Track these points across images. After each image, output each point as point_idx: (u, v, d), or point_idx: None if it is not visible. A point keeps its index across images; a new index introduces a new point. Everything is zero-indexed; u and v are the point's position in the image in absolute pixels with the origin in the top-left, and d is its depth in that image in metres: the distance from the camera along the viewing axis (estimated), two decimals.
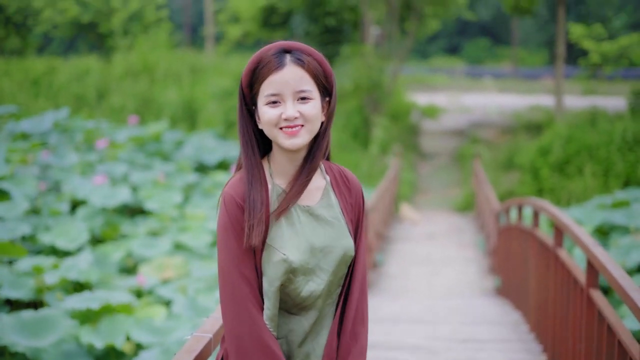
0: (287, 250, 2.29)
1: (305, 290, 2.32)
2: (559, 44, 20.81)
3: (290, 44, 2.31)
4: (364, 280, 2.43)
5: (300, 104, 2.27)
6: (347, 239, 2.37)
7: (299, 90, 2.27)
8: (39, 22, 30.56)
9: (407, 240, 13.39)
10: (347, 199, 2.43)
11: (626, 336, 3.51)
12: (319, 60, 2.33)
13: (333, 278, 2.36)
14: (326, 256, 2.33)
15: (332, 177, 2.44)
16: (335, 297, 2.40)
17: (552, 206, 5.75)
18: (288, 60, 2.28)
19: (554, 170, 15.78)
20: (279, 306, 2.33)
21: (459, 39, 58.64)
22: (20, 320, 6.73)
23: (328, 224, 2.36)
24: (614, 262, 3.89)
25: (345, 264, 2.37)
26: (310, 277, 2.32)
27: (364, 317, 2.43)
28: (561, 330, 5.09)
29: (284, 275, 2.28)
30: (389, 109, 21.77)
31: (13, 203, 11.06)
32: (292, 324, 2.36)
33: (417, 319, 7.23)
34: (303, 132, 2.28)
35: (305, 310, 2.35)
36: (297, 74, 2.27)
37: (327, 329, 2.39)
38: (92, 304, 6.94)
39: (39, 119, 16.53)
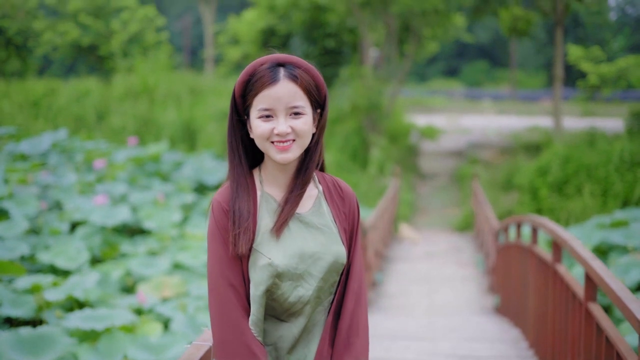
0: (273, 255, 2.28)
1: (293, 296, 2.32)
2: (557, 66, 20.92)
3: (284, 57, 2.32)
4: (360, 291, 2.42)
5: (292, 119, 2.29)
6: (338, 246, 2.37)
7: (291, 106, 2.28)
8: (40, 44, 30.70)
9: (406, 260, 13.39)
10: (340, 208, 2.44)
11: (624, 347, 3.52)
12: (312, 74, 2.33)
13: (323, 285, 2.35)
14: (316, 262, 2.33)
15: (324, 186, 2.45)
16: (327, 304, 2.40)
17: (551, 222, 5.76)
18: (282, 75, 2.28)
19: (553, 190, 15.81)
20: (268, 313, 2.33)
21: (458, 61, 58.97)
22: (18, 337, 6.71)
23: (318, 231, 2.36)
24: (612, 275, 3.90)
25: (337, 271, 2.37)
26: (299, 283, 2.32)
27: (360, 328, 2.40)
28: (560, 344, 5.09)
29: (269, 280, 2.28)
30: (388, 130, 21.84)
31: (12, 222, 11.08)
32: (281, 331, 2.35)
33: (416, 335, 7.22)
34: (294, 147, 2.30)
35: (294, 317, 2.35)
36: (290, 89, 2.27)
37: (319, 337, 2.38)
38: (96, 324, 6.94)
39: (37, 140, 16.58)
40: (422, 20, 22.21)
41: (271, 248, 2.30)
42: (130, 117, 22.00)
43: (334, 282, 2.39)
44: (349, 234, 2.45)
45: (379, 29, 24.40)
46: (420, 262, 13.19)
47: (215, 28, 36.32)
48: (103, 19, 31.38)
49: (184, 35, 48.05)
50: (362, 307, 2.43)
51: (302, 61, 2.32)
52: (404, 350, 6.48)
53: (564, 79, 24.06)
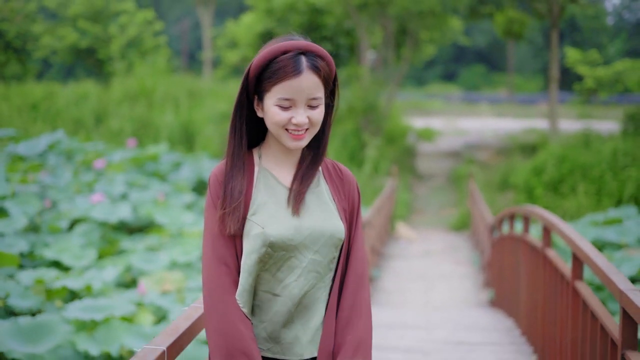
0: (268, 225, 2.31)
1: (286, 266, 2.33)
2: (553, 68, 21.06)
3: (305, 45, 2.29)
4: (362, 272, 2.43)
5: (309, 109, 2.30)
6: (336, 221, 2.38)
7: (312, 98, 2.29)
8: (38, 48, 30.84)
9: (403, 258, 13.50)
10: (339, 189, 2.46)
11: (607, 319, 3.64)
12: (329, 63, 2.34)
13: (320, 259, 2.36)
14: (312, 235, 2.34)
15: (324, 168, 2.49)
16: (329, 282, 2.40)
17: (541, 209, 5.89)
18: (305, 66, 2.27)
19: (548, 190, 15.94)
20: (262, 289, 2.34)
21: (455, 65, 59.14)
22: (17, 326, 6.78)
23: (316, 206, 2.38)
24: (597, 251, 4.02)
25: (335, 245, 2.38)
26: (293, 254, 2.33)
27: (362, 309, 2.40)
28: (549, 328, 5.21)
29: (262, 249, 2.29)
30: (386, 131, 21.97)
31: (11, 220, 11.17)
32: (276, 306, 2.35)
33: (412, 325, 7.33)
34: (307, 135, 2.33)
35: (288, 290, 2.34)
36: (312, 81, 2.28)
37: (319, 315, 2.38)
38: (95, 314, 7.04)
39: (35, 142, 16.67)
40: (419, 23, 22.35)
41: (266, 219, 2.32)
42: (129, 119, 22.12)
43: (332, 257, 2.39)
44: (348, 214, 2.46)
45: (376, 31, 24.53)
46: (416, 260, 13.30)
47: (213, 31, 36.47)
48: (102, 22, 31.56)
49: (183, 38, 48.21)
50: (364, 288, 2.43)
51: (321, 49, 2.33)
52: (400, 337, 6.59)
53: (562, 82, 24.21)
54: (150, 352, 2.31)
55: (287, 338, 2.35)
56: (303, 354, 2.36)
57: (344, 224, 2.41)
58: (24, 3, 30.30)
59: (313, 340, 2.37)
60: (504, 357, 5.86)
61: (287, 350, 2.35)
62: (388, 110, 22.29)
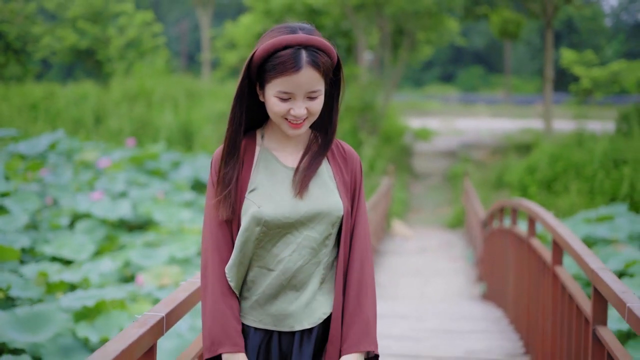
0: (264, 204, 2.38)
1: (282, 242, 2.41)
2: (548, 68, 21.27)
3: (306, 39, 2.32)
4: (366, 252, 2.49)
5: (309, 100, 2.36)
6: (335, 199, 2.44)
7: (310, 91, 2.34)
8: (38, 49, 31.03)
9: (398, 254, 13.71)
10: (341, 167, 2.51)
11: (582, 299, 3.85)
12: (331, 55, 2.38)
13: (314, 234, 2.41)
14: (309, 213, 2.40)
15: None
16: (325, 259, 2.45)
17: (527, 200, 6.10)
18: (304, 61, 2.30)
19: (542, 188, 16.16)
20: (257, 264, 2.42)
21: (454, 67, 59.34)
22: (15, 316, 6.95)
23: (315, 185, 2.44)
24: (576, 238, 4.23)
25: (331, 223, 2.43)
26: (289, 231, 2.40)
27: (368, 289, 2.46)
28: (534, 314, 5.42)
29: (256, 227, 2.37)
30: (383, 131, 22.18)
31: (12, 217, 11.36)
32: (269, 279, 2.42)
33: (404, 315, 7.54)
34: (306, 123, 2.39)
35: (281, 264, 2.41)
36: (311, 76, 2.32)
37: (311, 289, 2.43)
38: (87, 301, 7.24)
39: (35, 141, 16.86)
40: (415, 23, 22.57)
41: (263, 198, 2.40)
42: (128, 119, 22.31)
43: (328, 234, 2.44)
44: (350, 193, 2.51)
45: (373, 32, 24.76)
46: (412, 257, 13.51)
47: (212, 33, 36.66)
48: (101, 24, 31.76)
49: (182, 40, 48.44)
50: (368, 267, 2.49)
51: (322, 42, 2.35)
52: (391, 326, 6.79)
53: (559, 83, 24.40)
54: (151, 318, 2.50)
55: (278, 310, 2.42)
56: (294, 325, 2.42)
57: (344, 201, 2.45)
58: (24, 4, 30.50)
59: (304, 314, 2.43)
60: (492, 343, 6.07)
61: (278, 322, 2.43)
62: (385, 110, 22.51)
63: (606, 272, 3.37)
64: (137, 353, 2.34)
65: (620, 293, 3.04)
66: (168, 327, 2.60)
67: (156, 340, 2.50)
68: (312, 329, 2.46)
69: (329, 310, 2.47)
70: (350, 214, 2.49)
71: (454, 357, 5.66)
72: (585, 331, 3.68)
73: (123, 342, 2.27)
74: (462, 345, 5.97)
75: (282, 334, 2.45)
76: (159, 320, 2.51)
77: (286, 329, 2.44)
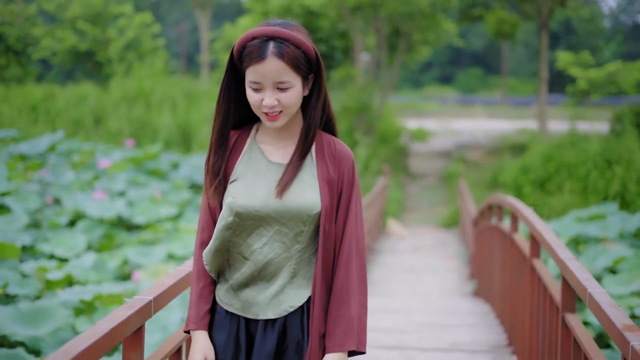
0: (240, 195, 2.47)
1: (255, 234, 2.49)
2: (542, 68, 21.45)
3: (273, 30, 2.37)
4: (353, 252, 2.51)
5: (279, 92, 2.39)
6: (309, 197, 2.47)
7: (277, 82, 2.38)
8: (38, 50, 31.22)
9: (392, 253, 13.89)
10: (328, 166, 2.52)
11: (555, 289, 4.03)
12: (300, 45, 2.39)
13: (285, 230, 2.48)
14: (280, 209, 2.46)
15: (319, 143, 2.56)
16: (294, 253, 2.51)
17: (512, 198, 6.28)
18: (269, 52, 2.35)
19: (535, 188, 16.36)
20: (235, 250, 2.51)
21: (452, 68, 59.54)
22: (18, 311, 7.16)
23: (295, 180, 2.49)
24: (551, 232, 4.41)
25: (301, 220, 2.48)
26: (261, 224, 2.47)
27: (351, 289, 2.49)
28: (515, 307, 5.60)
29: (229, 217, 2.47)
30: (379, 131, 22.38)
31: (13, 216, 11.56)
32: (244, 267, 2.52)
33: (394, 310, 7.72)
34: (282, 117, 2.43)
35: (254, 255, 2.49)
36: (276, 66, 2.36)
37: (280, 282, 2.50)
38: (85, 295, 7.44)
39: (36, 142, 17.05)
40: (411, 25, 22.76)
41: (239, 189, 2.48)
42: (127, 120, 22.49)
43: (300, 231, 2.48)
44: (337, 192, 2.53)
45: (370, 34, 24.96)
46: (406, 255, 13.69)
47: (211, 35, 36.86)
48: (100, 25, 31.95)
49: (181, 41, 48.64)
50: (355, 268, 2.51)
51: (291, 34, 2.39)
52: (380, 320, 6.98)
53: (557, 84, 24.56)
54: (139, 301, 2.69)
55: (246, 298, 2.52)
56: (258, 314, 2.51)
57: (324, 199, 2.48)
58: (24, 6, 30.70)
59: (271, 304, 2.50)
60: (476, 336, 6.26)
61: (245, 309, 2.52)
62: (381, 110, 22.71)
63: (573, 262, 3.55)
64: (125, 332, 2.53)
65: (584, 280, 3.22)
66: (156, 310, 2.78)
67: (144, 322, 2.69)
68: (277, 320, 2.52)
69: (296, 304, 2.51)
70: (331, 212, 2.50)
71: (439, 348, 5.85)
72: (556, 319, 3.87)
73: (112, 322, 2.46)
74: (447, 338, 6.16)
75: (250, 321, 2.53)
76: (146, 303, 2.70)
77: (251, 317, 2.52)
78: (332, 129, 2.61)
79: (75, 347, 2.20)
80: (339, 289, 2.49)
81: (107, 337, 2.36)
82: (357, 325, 2.49)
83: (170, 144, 21.10)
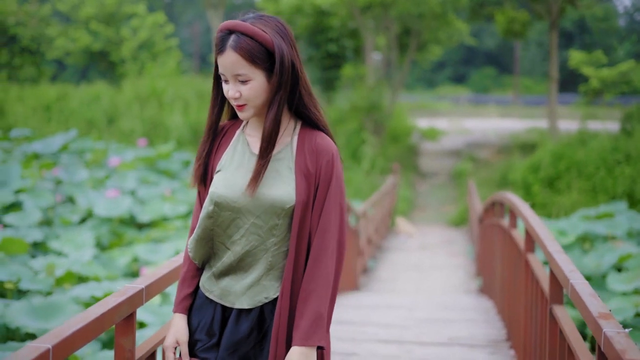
0: (220, 186, 2.53)
1: (233, 226, 2.54)
2: (552, 68, 21.46)
3: (234, 24, 2.44)
4: (323, 247, 2.52)
5: (240, 84, 2.45)
6: (284, 190, 2.50)
7: (235, 74, 2.43)
8: (52, 49, 31.44)
9: (400, 250, 13.98)
10: (306, 160, 2.54)
11: (545, 281, 4.11)
12: (259, 39, 2.42)
13: (260, 223, 2.52)
14: (254, 201, 2.50)
15: (301, 138, 2.57)
16: (270, 246, 2.54)
17: (510, 194, 6.35)
18: (228, 44, 2.42)
19: (545, 186, 16.38)
20: (217, 239, 2.58)
21: (466, 68, 59.41)
22: (30, 305, 7.34)
23: (269, 175, 2.52)
24: (544, 227, 4.48)
25: (275, 213, 2.51)
26: (238, 216, 2.52)
27: (319, 284, 2.50)
28: (513, 302, 5.67)
29: (209, 206, 2.53)
30: (389, 130, 22.45)
31: (26, 213, 11.73)
32: (224, 257, 2.58)
33: (396, 306, 7.81)
34: (247, 108, 2.48)
35: (234, 246, 2.55)
36: (232, 59, 2.42)
37: (256, 273, 2.55)
38: (96, 292, 7.57)
39: (49, 141, 17.24)
40: (421, 24, 22.82)
41: (221, 180, 2.54)
42: (139, 120, 22.66)
43: (274, 224, 2.52)
44: (314, 186, 2.53)
45: (381, 33, 25.03)
46: (413, 253, 13.77)
47: None
48: (114, 25, 32.14)
49: (194, 41, 48.84)
50: (324, 263, 2.52)
51: (249, 27, 2.43)
52: (383, 315, 7.07)
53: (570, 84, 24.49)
54: (131, 289, 2.79)
55: (225, 286, 2.58)
56: (234, 303, 2.56)
57: (300, 193, 2.50)
58: (39, 6, 30.93)
59: (246, 295, 2.55)
60: (476, 331, 6.34)
61: (223, 297, 2.58)
62: (391, 110, 22.77)
63: (560, 255, 3.63)
64: (116, 318, 2.63)
65: (568, 272, 3.30)
66: (147, 298, 2.89)
67: (135, 309, 2.79)
68: (252, 310, 2.56)
69: (272, 296, 2.55)
70: (307, 206, 2.52)
71: (437, 343, 5.93)
72: (545, 311, 3.95)
73: (104, 308, 2.56)
74: (446, 333, 6.24)
75: (226, 308, 2.59)
76: (138, 291, 2.80)
77: (228, 305, 2.57)
78: (321, 127, 2.60)
79: (67, 330, 2.31)
80: (306, 284, 2.51)
81: (98, 321, 2.47)
82: (321, 321, 2.50)
83: (182, 143, 21.24)
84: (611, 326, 2.51)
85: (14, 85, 27.12)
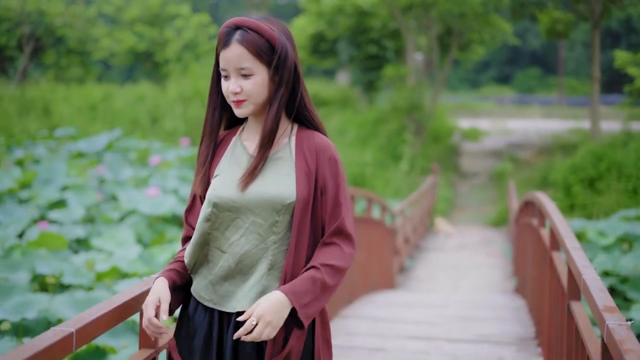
0: (219, 187, 2.51)
1: (232, 226, 2.50)
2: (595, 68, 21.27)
3: (241, 20, 2.48)
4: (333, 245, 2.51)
5: (242, 79, 2.45)
6: (285, 186, 2.49)
7: (239, 68, 2.44)
8: (98, 50, 31.96)
9: (438, 250, 14.02)
10: (307, 159, 2.53)
11: (564, 275, 4.17)
12: (265, 35, 2.45)
13: (259, 221, 2.48)
14: (254, 199, 2.47)
15: (299, 138, 2.58)
16: (270, 244, 2.49)
17: (541, 194, 6.40)
18: (234, 38, 2.44)
19: (585, 187, 16.27)
20: (213, 245, 2.53)
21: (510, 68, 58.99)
22: (73, 298, 7.58)
23: (268, 173, 2.51)
24: (566, 225, 4.54)
25: (274, 210, 2.47)
26: (237, 215, 2.49)
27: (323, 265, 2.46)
28: (541, 300, 5.72)
29: (208, 208, 2.50)
30: (431, 130, 22.46)
31: (70, 210, 12.02)
32: (222, 262, 2.52)
33: (428, 304, 7.89)
34: (246, 104, 2.48)
35: (232, 248, 2.50)
36: (238, 52, 2.43)
37: (258, 274, 2.50)
38: None
39: (94, 140, 17.57)
40: (463, 24, 22.79)
41: (220, 182, 2.53)
42: (182, 119, 22.95)
43: (274, 221, 2.48)
44: (314, 184, 2.52)
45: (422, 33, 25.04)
46: (451, 253, 13.81)
47: None
48: (158, 26, 32.56)
49: None
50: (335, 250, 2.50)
51: (256, 22, 2.46)
52: (414, 313, 7.17)
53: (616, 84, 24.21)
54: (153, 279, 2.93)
55: (225, 292, 2.51)
56: (236, 307, 2.49)
57: (301, 190, 2.48)
58: (85, 8, 31.46)
59: (248, 296, 2.48)
60: (504, 329, 6.39)
61: (223, 303, 2.51)
62: (432, 110, 22.78)
63: (577, 251, 3.69)
64: (139, 306, 2.76)
65: (582, 267, 3.36)
66: None
67: None
68: None
69: None
70: (307, 203, 2.49)
71: (465, 339, 6.01)
72: (564, 307, 4.01)
73: (127, 296, 2.70)
74: (475, 330, 6.31)
75: (223, 314, 2.53)
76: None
77: (229, 310, 2.51)
78: (316, 126, 2.61)
79: (91, 315, 2.45)
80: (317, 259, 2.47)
81: (121, 308, 2.61)
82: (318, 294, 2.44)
83: None
84: (614, 319, 2.58)
85: (61, 85, 27.61)
